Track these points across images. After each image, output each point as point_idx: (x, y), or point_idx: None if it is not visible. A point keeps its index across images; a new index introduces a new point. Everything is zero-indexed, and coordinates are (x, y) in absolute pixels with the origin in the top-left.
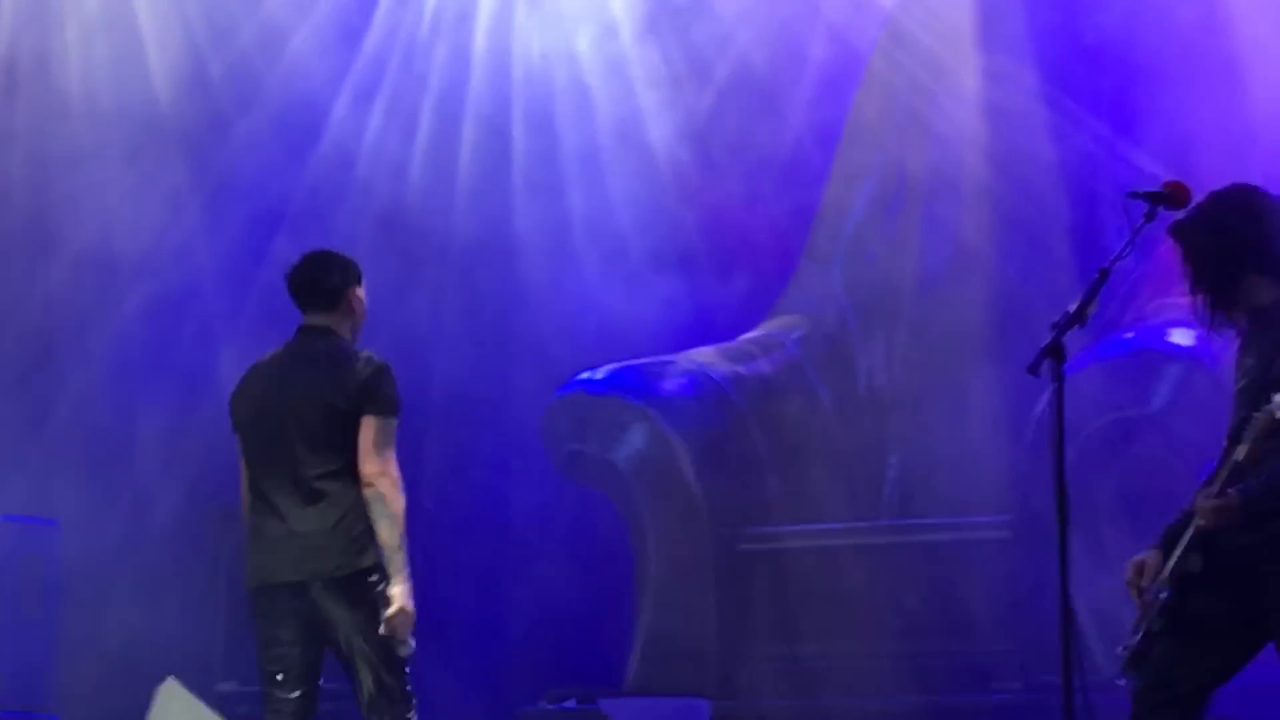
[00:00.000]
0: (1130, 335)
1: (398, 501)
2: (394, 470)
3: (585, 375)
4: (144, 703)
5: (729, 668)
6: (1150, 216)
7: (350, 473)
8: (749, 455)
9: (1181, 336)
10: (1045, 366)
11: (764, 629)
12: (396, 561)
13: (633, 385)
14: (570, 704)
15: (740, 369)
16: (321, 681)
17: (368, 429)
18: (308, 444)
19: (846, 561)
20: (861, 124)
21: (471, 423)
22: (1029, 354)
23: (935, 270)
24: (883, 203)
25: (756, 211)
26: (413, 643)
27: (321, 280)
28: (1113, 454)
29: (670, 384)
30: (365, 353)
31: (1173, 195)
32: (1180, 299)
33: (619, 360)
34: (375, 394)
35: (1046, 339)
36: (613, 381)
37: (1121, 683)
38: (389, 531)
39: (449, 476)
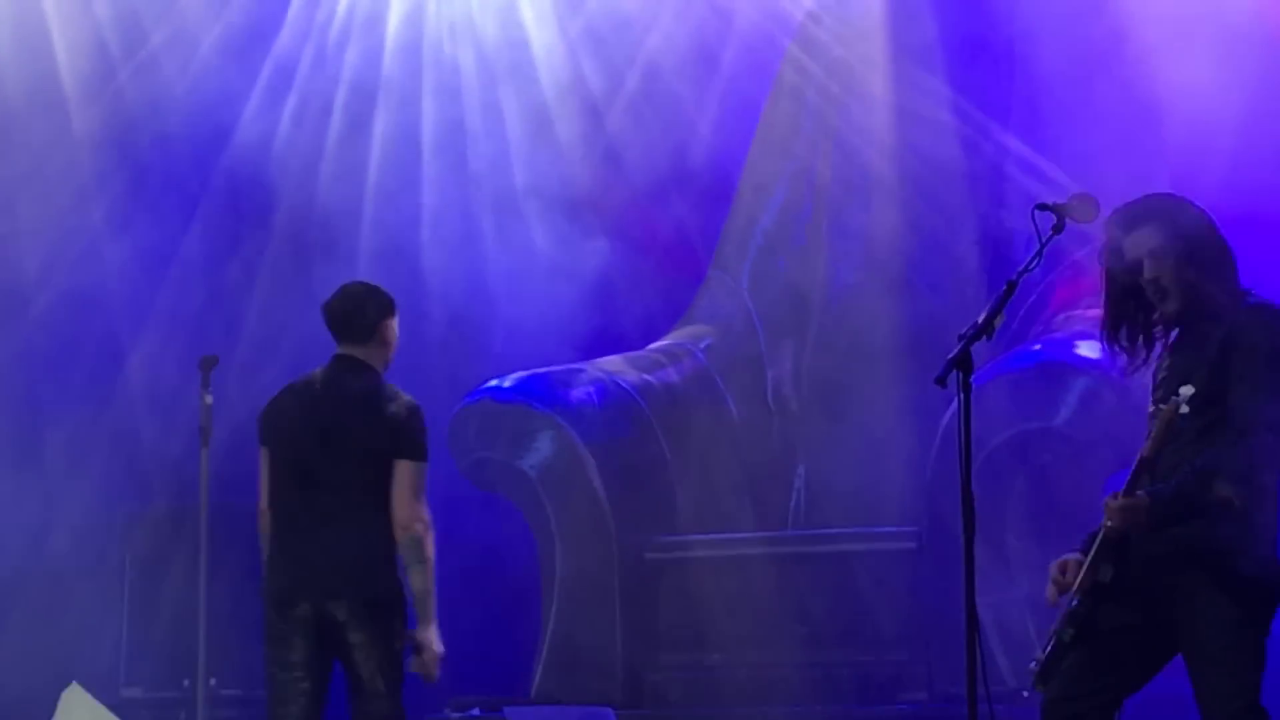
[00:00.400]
0: (1037, 347)
1: (431, 548)
2: (427, 515)
3: (493, 383)
4: (48, 708)
5: (635, 676)
6: (1058, 228)
7: (374, 507)
8: (657, 464)
9: (1088, 349)
10: (952, 378)
11: (670, 638)
12: (429, 605)
13: (541, 393)
14: (475, 712)
15: (649, 378)
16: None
17: (403, 474)
18: (338, 476)
19: (753, 571)
20: (770, 133)
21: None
22: (937, 365)
23: (844, 280)
24: (791, 212)
25: (666, 220)
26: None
27: (356, 314)
28: (1019, 466)
29: (578, 392)
30: (397, 392)
31: (1080, 207)
32: (1087, 311)
33: (528, 368)
34: (409, 439)
35: (954, 350)
36: (521, 389)
37: (1026, 694)
38: (423, 578)
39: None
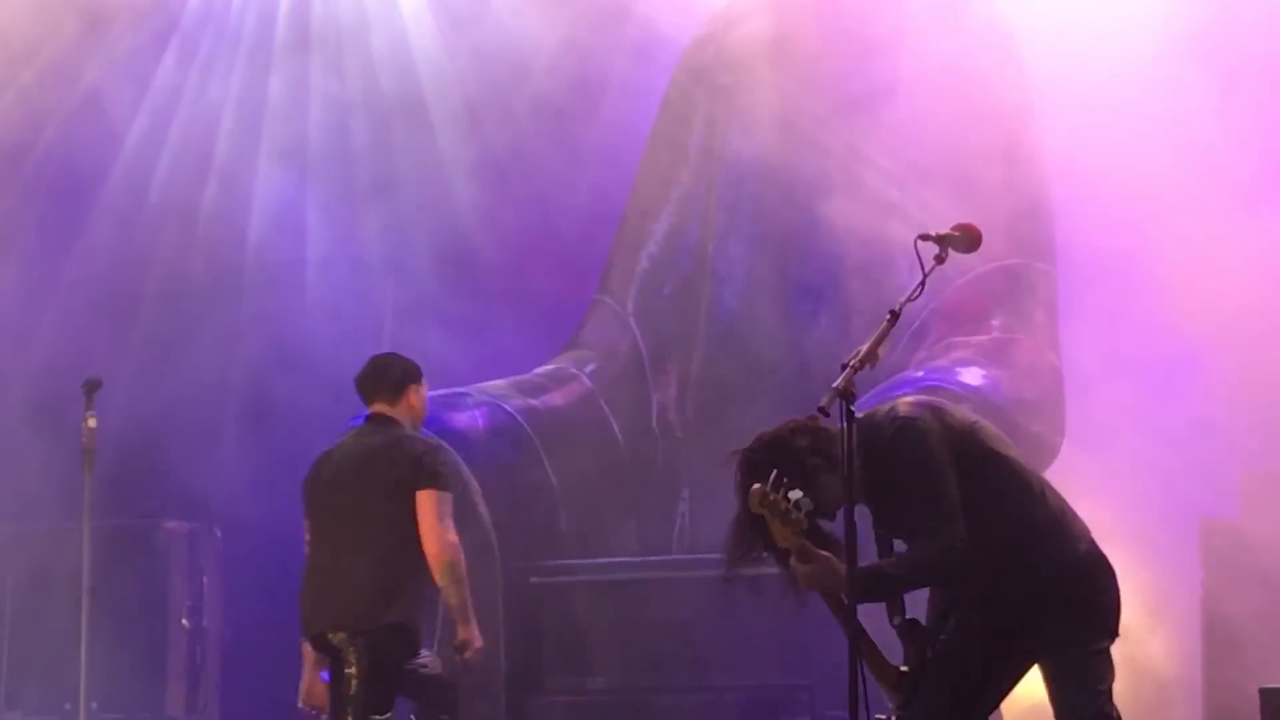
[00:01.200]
0: (920, 374)
1: (462, 567)
2: (453, 536)
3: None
4: None
5: (519, 700)
6: (941, 258)
7: (399, 540)
8: (541, 488)
9: (970, 375)
10: (836, 406)
11: (554, 662)
12: (466, 613)
13: (426, 418)
14: None
15: (534, 402)
16: None
17: (426, 503)
18: (363, 514)
19: (637, 596)
20: (656, 159)
21: (265, 446)
22: (821, 392)
23: (728, 306)
24: (677, 238)
25: (552, 246)
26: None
27: (383, 375)
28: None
29: (463, 416)
30: (419, 437)
31: (963, 237)
32: (969, 338)
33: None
34: (428, 470)
35: (837, 378)
36: None
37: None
38: (456, 595)
39: (238, 500)
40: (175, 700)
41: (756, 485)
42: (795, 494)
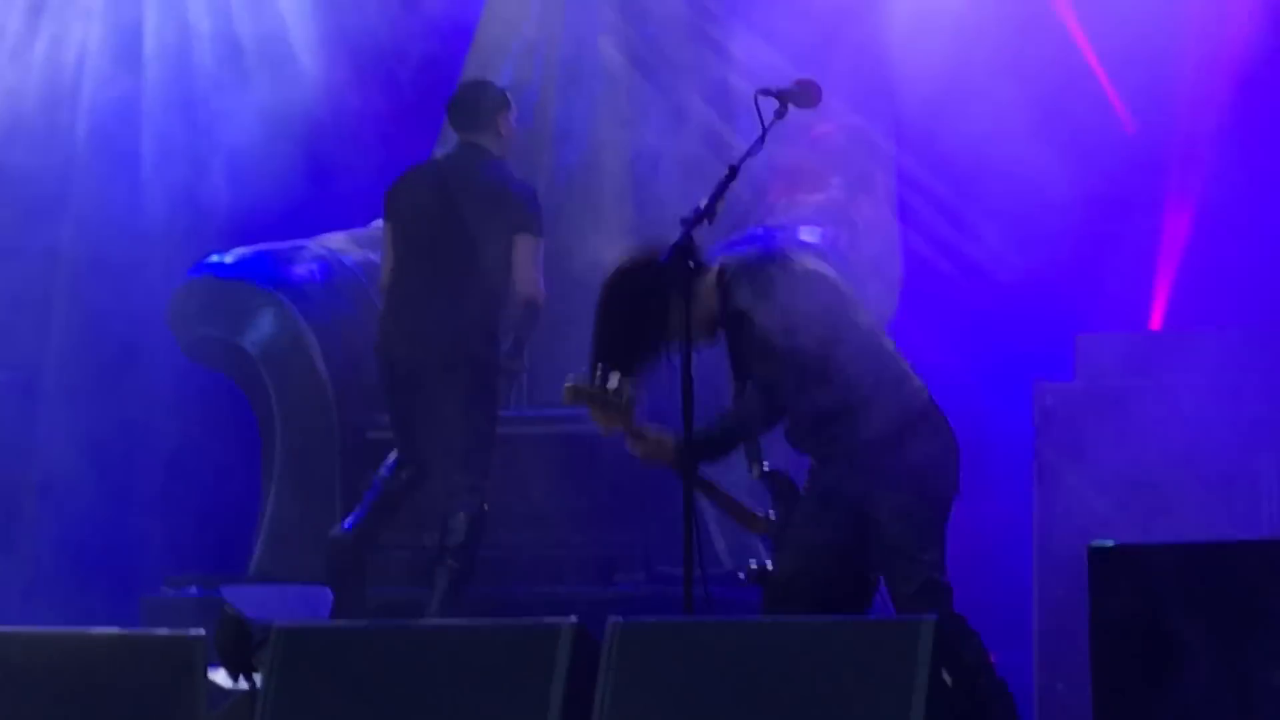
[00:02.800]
0: (759, 231)
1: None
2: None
3: (214, 259)
4: None
5: (354, 556)
6: (781, 113)
7: (485, 276)
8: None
9: (809, 234)
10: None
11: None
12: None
13: (262, 270)
14: (193, 590)
15: (373, 256)
16: None
17: (525, 247)
18: (459, 248)
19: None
20: (498, 10)
21: (99, 301)
22: (661, 246)
23: (569, 163)
24: (518, 93)
25: (392, 96)
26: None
27: (472, 104)
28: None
29: (301, 269)
30: (514, 175)
31: (802, 93)
32: (809, 196)
33: (249, 245)
34: (531, 215)
35: (677, 234)
36: (242, 266)
37: (742, 576)
38: (530, 327)
39: (76, 360)
40: None
41: (567, 383)
42: (613, 381)
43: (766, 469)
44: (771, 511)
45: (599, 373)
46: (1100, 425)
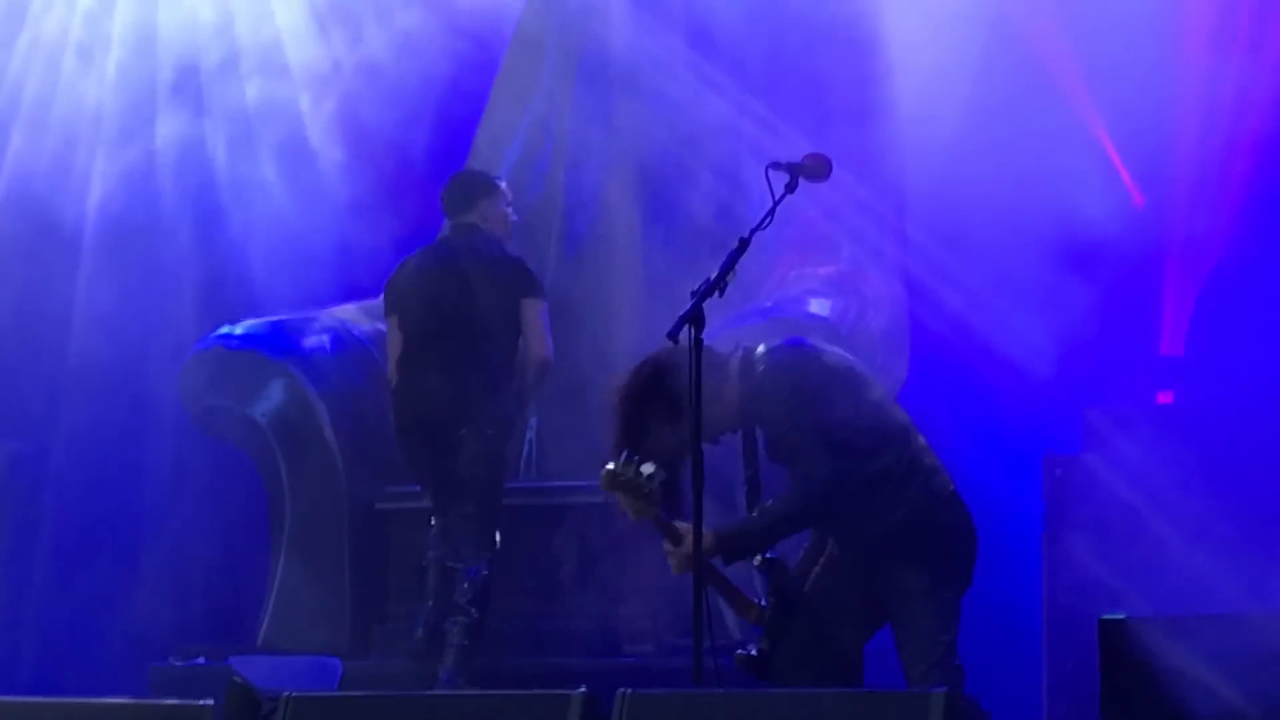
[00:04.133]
0: (768, 304)
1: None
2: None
3: (224, 330)
4: None
5: (363, 626)
6: (791, 187)
7: (498, 344)
8: (387, 414)
9: (818, 306)
10: (685, 333)
11: (399, 589)
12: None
13: (272, 341)
14: (200, 661)
15: (382, 327)
16: None
17: (532, 310)
18: (468, 320)
19: None
20: (509, 85)
21: (106, 382)
22: (669, 320)
23: (579, 234)
24: (528, 166)
25: (404, 170)
26: None
27: (458, 191)
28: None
29: (311, 340)
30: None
31: (813, 167)
32: (819, 269)
33: (261, 316)
34: (532, 279)
35: (687, 306)
36: (252, 336)
37: (752, 650)
38: (538, 387)
39: (84, 434)
40: None
41: (606, 468)
42: (647, 468)
43: (768, 556)
44: (763, 600)
45: (634, 461)
46: (1109, 497)
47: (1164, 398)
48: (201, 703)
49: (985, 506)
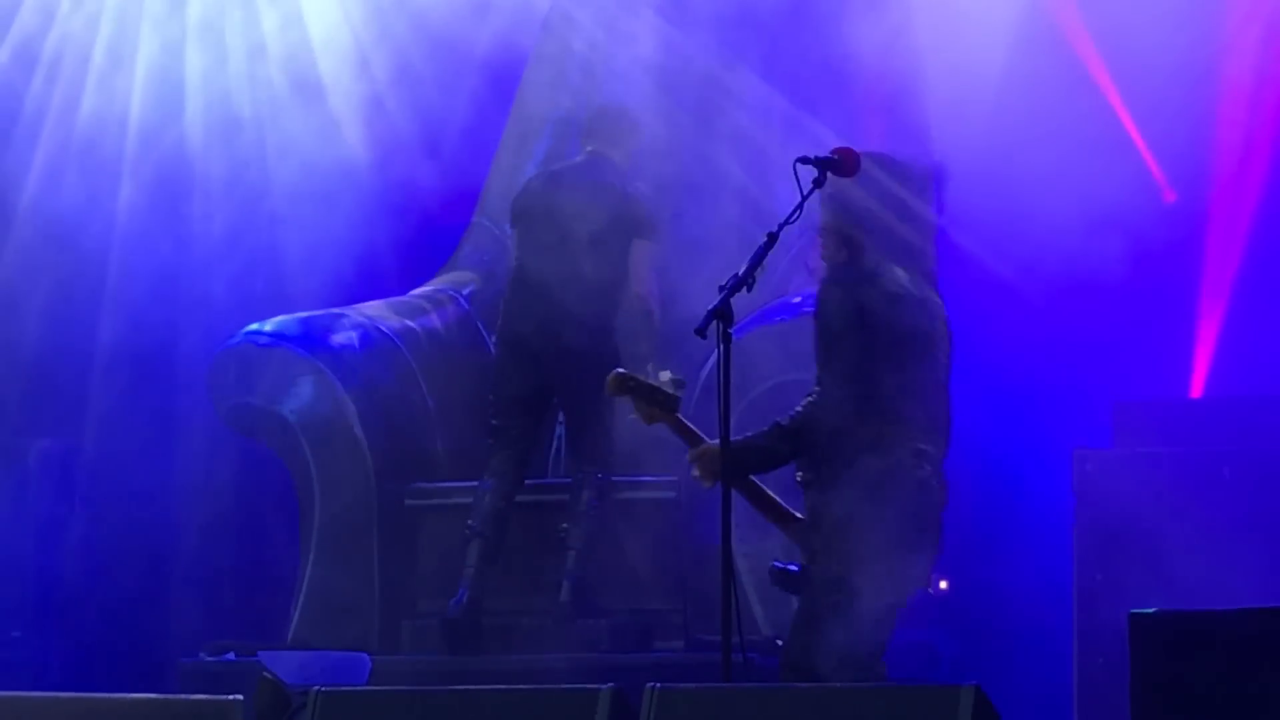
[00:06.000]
0: (798, 299)
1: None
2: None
3: (253, 327)
4: None
5: (392, 622)
6: (819, 182)
7: (609, 277)
8: (418, 410)
9: None
10: (713, 329)
11: (429, 585)
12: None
13: (301, 338)
14: (230, 656)
15: (411, 323)
16: None
17: (641, 251)
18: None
19: (512, 519)
20: (538, 80)
21: (135, 377)
22: (698, 312)
23: None
24: (556, 161)
25: (432, 165)
26: None
27: (599, 117)
28: (779, 417)
29: (340, 337)
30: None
31: (842, 162)
32: None
33: (289, 313)
34: (649, 221)
35: (714, 301)
36: (281, 334)
37: (780, 644)
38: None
39: (112, 430)
40: None
41: (615, 371)
42: (665, 374)
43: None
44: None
45: (648, 370)
46: (1140, 492)
47: (1196, 392)
48: (231, 698)
49: (1015, 500)
